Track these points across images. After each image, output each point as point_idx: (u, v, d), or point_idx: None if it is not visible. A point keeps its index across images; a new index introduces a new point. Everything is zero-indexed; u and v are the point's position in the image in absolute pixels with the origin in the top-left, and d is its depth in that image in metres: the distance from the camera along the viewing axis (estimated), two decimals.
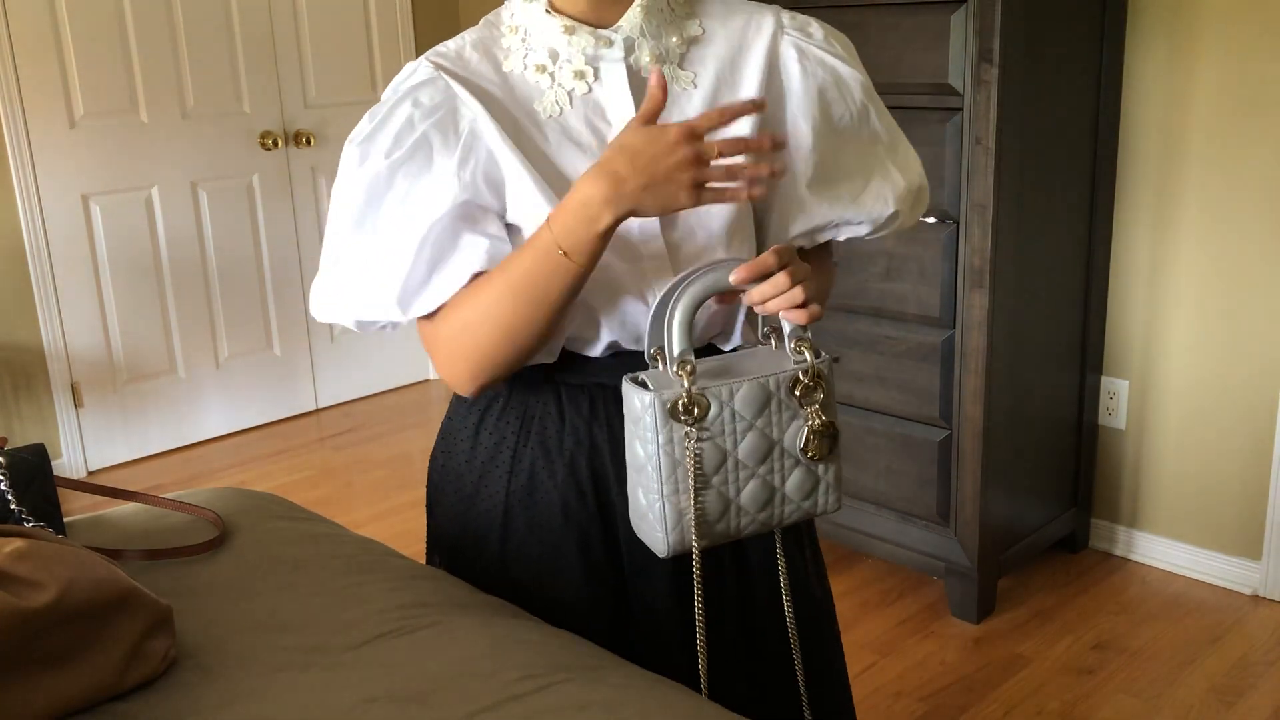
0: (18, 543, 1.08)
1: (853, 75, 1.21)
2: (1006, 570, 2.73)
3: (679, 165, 1.02)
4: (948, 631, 2.63)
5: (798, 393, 1.08)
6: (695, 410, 1.04)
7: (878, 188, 1.23)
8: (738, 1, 1.23)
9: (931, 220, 2.48)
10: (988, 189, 2.38)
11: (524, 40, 1.16)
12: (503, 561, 1.27)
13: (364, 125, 1.13)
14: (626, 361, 1.18)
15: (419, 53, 4.34)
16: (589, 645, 1.18)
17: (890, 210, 1.23)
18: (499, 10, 1.21)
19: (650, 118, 1.04)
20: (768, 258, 1.05)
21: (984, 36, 2.31)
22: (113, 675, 1.09)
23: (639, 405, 1.05)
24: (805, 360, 1.09)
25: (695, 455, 1.05)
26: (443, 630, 1.19)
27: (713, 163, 1.03)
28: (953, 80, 2.39)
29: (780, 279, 1.05)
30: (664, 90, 1.04)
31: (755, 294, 1.06)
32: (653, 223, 1.14)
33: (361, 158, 1.12)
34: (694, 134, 1.02)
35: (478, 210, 1.13)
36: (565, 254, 1.05)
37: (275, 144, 4.03)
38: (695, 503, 1.05)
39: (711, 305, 1.19)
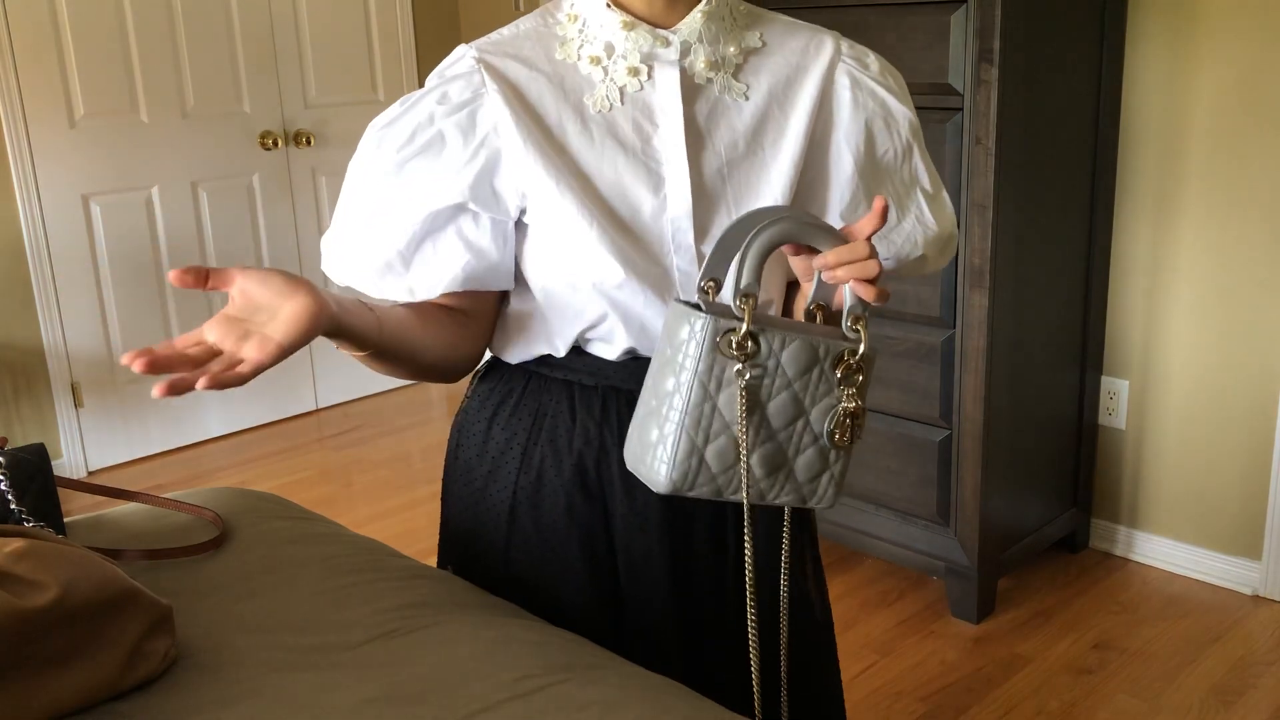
0: (18, 543, 1.09)
1: (902, 112, 1.21)
2: (1006, 570, 2.73)
3: None
4: (948, 631, 2.63)
5: (839, 371, 1.03)
6: (749, 346, 0.99)
7: (910, 228, 1.23)
8: (800, 22, 1.23)
9: None
10: (988, 189, 2.38)
11: (581, 31, 1.16)
12: (507, 556, 1.27)
13: (393, 110, 1.16)
14: (643, 367, 1.18)
15: (419, 53, 4.35)
16: (589, 645, 1.18)
17: (919, 253, 1.23)
18: None
19: None
20: (867, 224, 1.01)
21: (984, 36, 2.31)
22: (113, 675, 1.09)
23: (686, 330, 0.99)
24: (859, 339, 1.03)
25: (745, 392, 0.99)
26: (443, 630, 1.19)
27: None
28: (953, 80, 2.39)
29: (860, 246, 1.01)
30: None
31: (831, 257, 1.00)
32: (686, 232, 1.14)
33: (377, 144, 1.15)
34: None
35: (472, 216, 1.15)
36: None
37: (275, 144, 4.03)
38: (740, 441, 0.99)
39: None
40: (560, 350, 1.19)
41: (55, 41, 3.51)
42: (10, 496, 1.29)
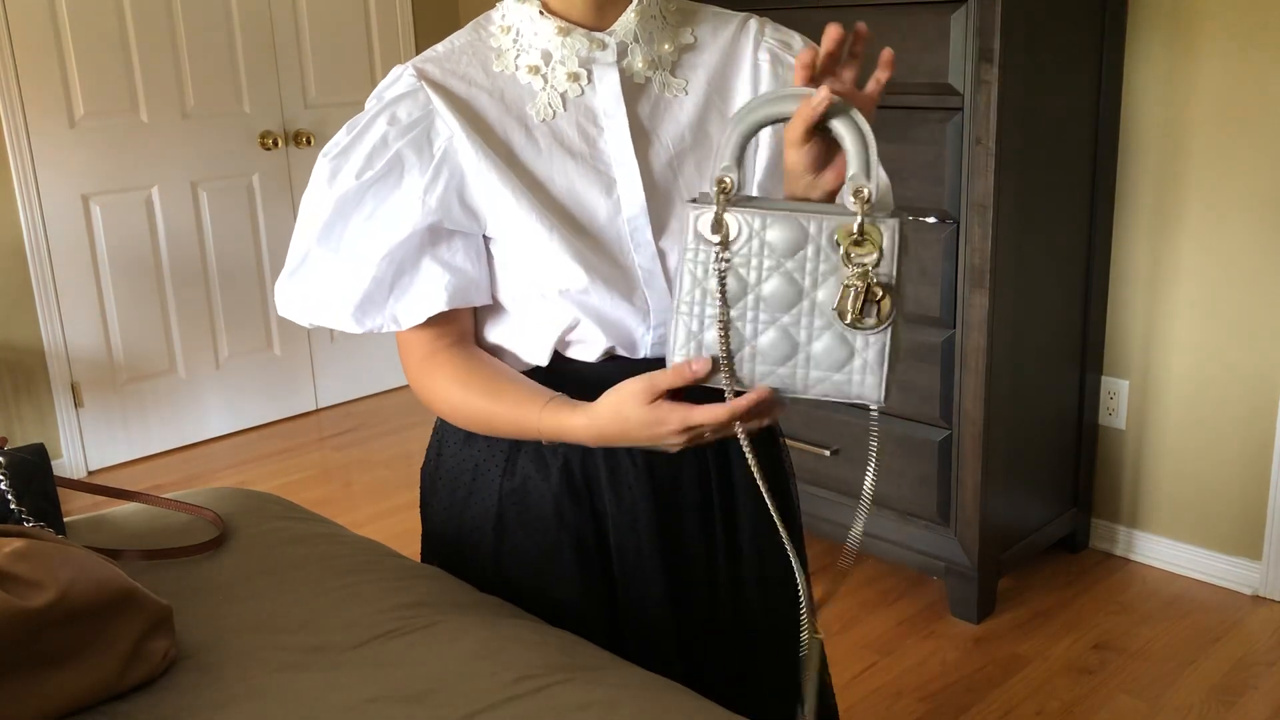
0: (18, 543, 1.09)
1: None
2: (1006, 570, 2.73)
3: (671, 442, 1.06)
4: (948, 631, 2.63)
5: (842, 245, 0.97)
6: (721, 228, 0.99)
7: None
8: (729, 13, 1.25)
9: (931, 220, 2.48)
10: (988, 189, 2.38)
11: (515, 41, 1.17)
12: (498, 561, 1.27)
13: (340, 138, 1.14)
14: (622, 366, 1.18)
15: (419, 53, 4.34)
16: (588, 645, 1.18)
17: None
18: (489, 12, 1.21)
19: (654, 394, 1.04)
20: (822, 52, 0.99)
21: (984, 36, 2.31)
22: (113, 675, 1.09)
23: (680, 220, 1.05)
24: (858, 212, 0.97)
25: (720, 275, 0.99)
26: (442, 630, 1.19)
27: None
28: (953, 80, 2.39)
29: (848, 76, 0.99)
30: (690, 379, 1.03)
31: (823, 92, 0.97)
32: (643, 230, 1.15)
33: (332, 173, 1.13)
34: (692, 428, 1.03)
35: (444, 234, 1.14)
36: (544, 439, 1.15)
37: (275, 144, 4.03)
38: (720, 324, 1.00)
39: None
40: (544, 359, 1.19)
41: (55, 41, 3.50)
42: (10, 496, 1.29)
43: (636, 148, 1.15)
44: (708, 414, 1.02)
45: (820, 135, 1.01)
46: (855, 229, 0.97)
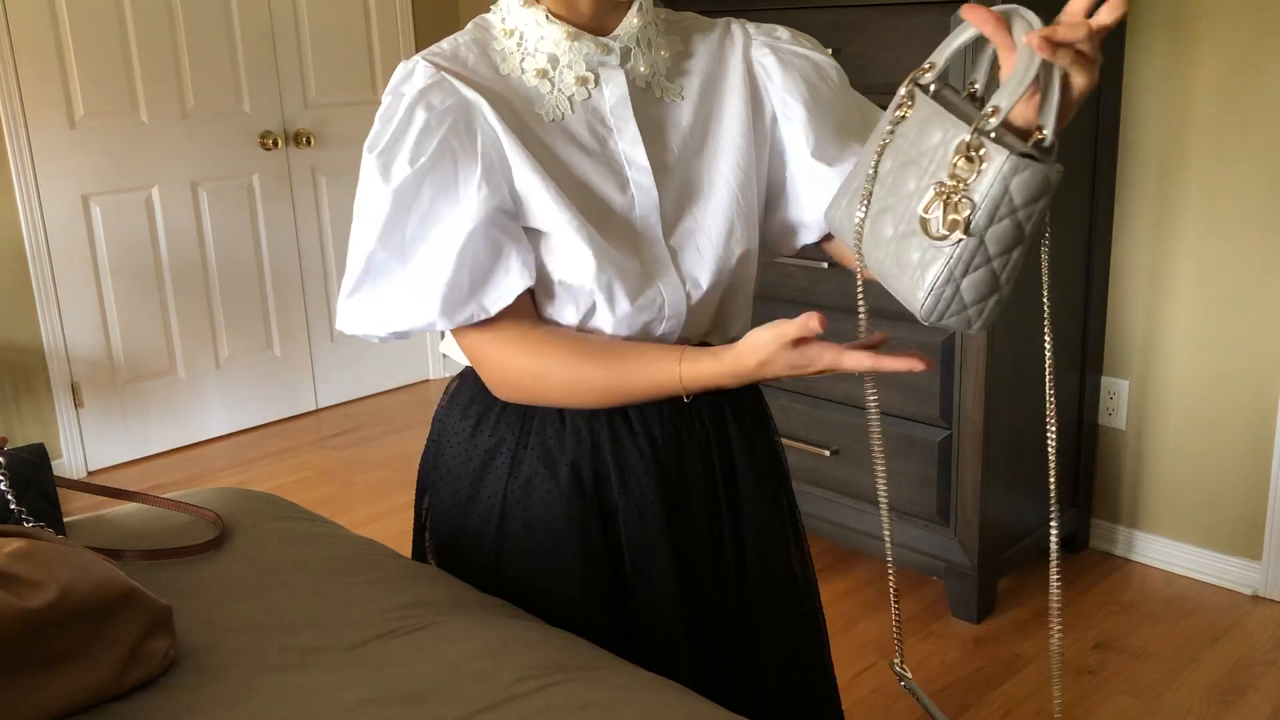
0: (18, 543, 1.09)
1: (827, 61, 1.25)
2: (1006, 570, 2.73)
3: (810, 371, 1.07)
4: (948, 631, 2.63)
5: (955, 156, 0.95)
6: (906, 105, 1.03)
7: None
8: (708, 20, 1.28)
9: None
10: None
11: (519, 44, 1.17)
12: (498, 561, 1.27)
13: (381, 131, 1.11)
14: None
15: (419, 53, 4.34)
16: (589, 645, 1.18)
17: None
18: (486, 15, 1.21)
19: (786, 341, 1.05)
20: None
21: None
22: (113, 675, 1.09)
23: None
24: (990, 122, 0.94)
25: (881, 145, 1.02)
26: (442, 630, 1.19)
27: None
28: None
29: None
30: (818, 327, 1.03)
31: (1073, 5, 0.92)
32: (655, 227, 1.16)
33: (384, 167, 1.09)
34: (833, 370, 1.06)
35: (506, 217, 1.12)
36: (685, 390, 1.13)
37: (275, 144, 4.03)
38: (865, 190, 1.02)
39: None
40: None
41: (55, 41, 3.51)
42: (10, 496, 1.29)
43: (647, 147, 1.17)
44: (855, 360, 1.03)
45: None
46: (967, 145, 0.95)
